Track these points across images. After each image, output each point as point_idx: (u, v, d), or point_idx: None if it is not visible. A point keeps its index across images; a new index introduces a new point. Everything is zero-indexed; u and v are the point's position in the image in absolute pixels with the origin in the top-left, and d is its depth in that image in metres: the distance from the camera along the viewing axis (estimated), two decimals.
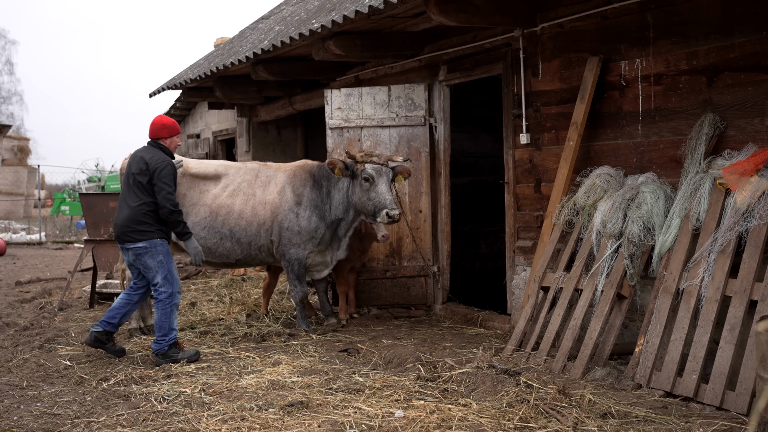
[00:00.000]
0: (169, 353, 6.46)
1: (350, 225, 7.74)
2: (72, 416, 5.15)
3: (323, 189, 7.65)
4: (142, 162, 6.49)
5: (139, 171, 6.47)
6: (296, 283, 7.68)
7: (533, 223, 7.44)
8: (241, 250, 7.64)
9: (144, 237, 6.44)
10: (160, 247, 6.50)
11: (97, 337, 6.56)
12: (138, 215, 6.43)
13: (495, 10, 6.99)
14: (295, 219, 7.55)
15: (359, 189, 7.40)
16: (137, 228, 6.42)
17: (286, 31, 9.28)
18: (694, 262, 5.48)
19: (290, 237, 7.55)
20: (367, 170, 7.37)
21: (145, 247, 6.44)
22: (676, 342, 5.35)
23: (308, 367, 6.22)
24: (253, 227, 7.57)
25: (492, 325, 7.78)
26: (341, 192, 7.60)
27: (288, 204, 7.57)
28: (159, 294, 6.49)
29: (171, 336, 6.51)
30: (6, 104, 47.91)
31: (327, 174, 7.67)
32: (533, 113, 7.36)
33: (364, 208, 7.41)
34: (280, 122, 13.90)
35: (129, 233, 6.44)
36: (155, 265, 6.47)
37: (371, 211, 7.34)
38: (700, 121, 5.81)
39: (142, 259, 6.46)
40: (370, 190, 7.33)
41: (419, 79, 8.88)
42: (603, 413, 4.78)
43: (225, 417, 4.94)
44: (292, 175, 7.74)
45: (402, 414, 4.85)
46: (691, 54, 5.95)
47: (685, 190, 5.73)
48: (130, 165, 6.59)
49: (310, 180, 7.69)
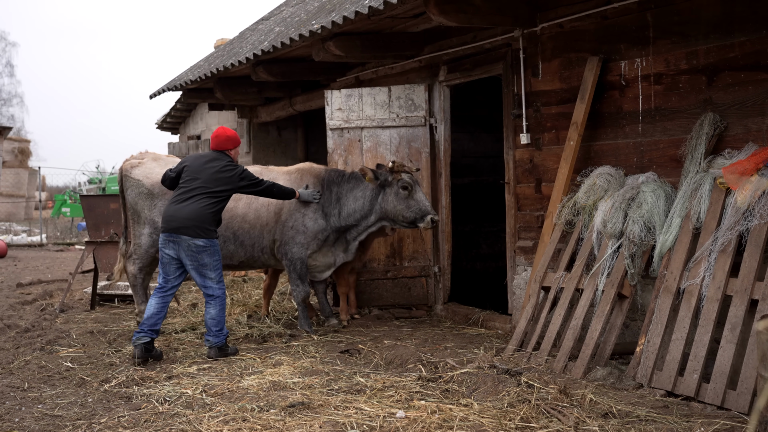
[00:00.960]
0: (224, 346, 6.72)
1: (365, 230, 7.84)
2: (73, 418, 5.15)
3: (332, 194, 7.74)
4: (220, 166, 6.79)
5: (218, 174, 6.75)
6: (298, 283, 7.69)
7: (534, 223, 7.44)
8: (245, 252, 7.67)
9: (207, 235, 6.63)
10: (217, 247, 6.74)
11: (146, 347, 6.54)
12: (206, 215, 6.64)
13: (495, 10, 6.99)
14: (301, 219, 7.59)
15: (394, 197, 7.60)
16: (203, 226, 6.60)
17: (286, 32, 9.28)
18: (694, 262, 5.48)
19: (293, 236, 7.58)
20: (405, 179, 7.59)
21: (205, 246, 6.62)
22: (677, 341, 5.35)
23: (309, 367, 6.22)
24: (257, 230, 7.61)
25: (493, 325, 7.78)
26: (360, 200, 7.70)
27: (294, 204, 7.61)
28: (214, 291, 6.71)
29: (226, 330, 6.77)
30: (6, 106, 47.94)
31: (336, 179, 7.80)
32: (533, 113, 7.36)
33: (400, 215, 7.61)
34: (280, 123, 13.90)
35: (193, 228, 6.58)
36: (212, 263, 6.66)
37: (411, 218, 7.60)
38: (701, 121, 5.81)
39: (200, 255, 6.62)
40: (409, 198, 7.58)
41: (419, 80, 8.88)
42: (604, 413, 4.78)
43: (226, 418, 4.94)
44: (297, 179, 7.80)
45: (403, 414, 4.85)
46: (691, 53, 5.95)
47: (686, 190, 5.73)
48: (199, 164, 6.81)
49: (318, 184, 7.77)
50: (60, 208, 27.05)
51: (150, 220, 7.61)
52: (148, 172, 7.70)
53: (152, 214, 7.60)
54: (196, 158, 6.93)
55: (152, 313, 6.65)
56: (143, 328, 6.58)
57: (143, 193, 7.66)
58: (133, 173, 7.74)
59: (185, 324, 8.26)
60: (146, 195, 7.65)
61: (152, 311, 6.67)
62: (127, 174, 7.77)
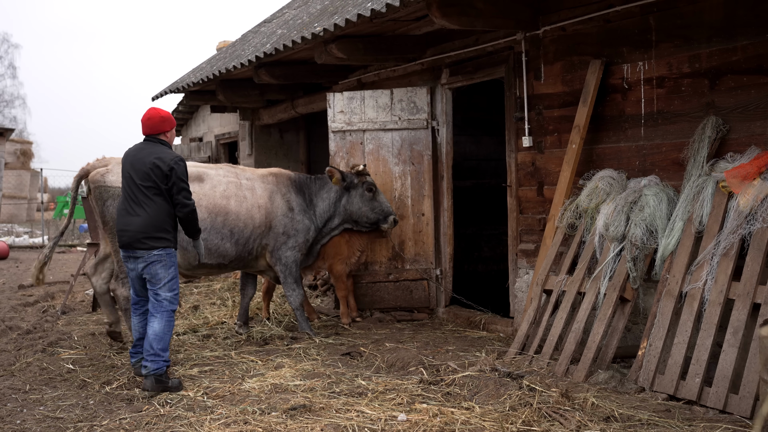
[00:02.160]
0: (164, 378, 5.80)
1: (328, 234, 8.00)
2: (75, 420, 5.16)
3: (306, 196, 7.85)
4: (153, 162, 5.85)
5: (154, 172, 5.85)
6: (294, 287, 7.67)
7: (536, 226, 7.43)
8: (236, 251, 7.43)
9: (161, 245, 5.88)
10: (174, 257, 6.02)
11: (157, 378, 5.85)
12: (157, 221, 5.87)
13: (497, 13, 7.00)
14: (291, 223, 7.62)
15: (359, 199, 7.83)
16: (155, 235, 5.86)
17: (289, 34, 9.29)
18: (697, 265, 5.47)
19: (286, 241, 7.59)
20: (369, 181, 7.82)
21: (160, 256, 5.89)
22: (679, 345, 5.34)
23: (311, 370, 6.22)
24: (249, 229, 7.46)
25: (495, 328, 7.77)
26: (326, 201, 7.86)
27: (281, 209, 7.62)
28: (164, 305, 5.91)
29: (167, 355, 5.87)
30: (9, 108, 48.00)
31: (306, 182, 7.92)
32: (536, 116, 7.36)
33: (364, 216, 7.87)
34: (282, 125, 13.90)
35: (145, 240, 5.85)
36: (167, 275, 5.92)
37: (374, 219, 7.90)
38: (703, 124, 5.81)
39: (154, 268, 5.89)
40: (373, 200, 7.86)
41: (421, 83, 8.88)
42: (606, 416, 4.77)
43: (228, 420, 4.94)
44: (275, 182, 7.76)
45: (405, 417, 4.84)
46: (693, 57, 5.95)
47: (688, 193, 5.73)
48: (136, 165, 5.92)
49: (293, 186, 7.81)
50: (62, 209, 27.05)
51: None
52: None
53: None
54: (128, 154, 6.08)
55: (141, 334, 6.12)
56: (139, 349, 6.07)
57: None
58: (108, 181, 6.93)
59: (187, 326, 8.26)
60: None
61: (140, 332, 6.12)
62: (101, 183, 6.95)
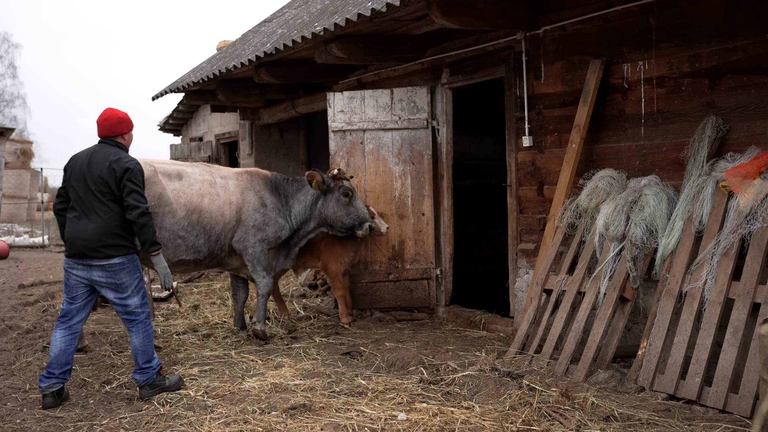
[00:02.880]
0: (158, 382, 5.67)
1: (305, 236, 7.96)
2: (75, 419, 5.16)
3: (281, 196, 7.79)
4: (108, 165, 5.55)
5: (108, 176, 5.54)
6: (264, 274, 7.52)
7: (536, 225, 7.44)
8: (209, 247, 7.33)
9: (121, 252, 5.54)
10: (137, 262, 5.68)
11: (57, 393, 5.54)
12: (113, 227, 5.53)
13: (497, 13, 7.00)
14: (262, 218, 7.54)
15: (335, 203, 7.77)
16: (113, 242, 5.51)
17: (289, 34, 9.29)
18: (697, 265, 5.47)
19: (255, 232, 7.48)
20: (346, 185, 7.78)
21: (122, 263, 5.54)
22: (679, 345, 5.34)
23: (311, 369, 6.22)
24: (220, 226, 7.38)
25: (495, 327, 7.77)
26: (302, 204, 7.80)
27: (253, 205, 7.54)
28: (137, 315, 5.64)
29: (157, 361, 5.72)
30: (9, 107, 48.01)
31: (282, 182, 7.86)
32: (536, 116, 7.36)
33: (340, 221, 7.81)
34: (282, 125, 13.91)
35: (102, 248, 5.48)
36: (133, 282, 5.60)
37: (349, 225, 7.84)
38: (703, 124, 5.81)
39: (118, 276, 5.55)
40: (349, 205, 7.80)
41: (422, 82, 8.89)
42: (606, 416, 4.77)
43: (228, 420, 4.94)
44: (249, 180, 7.72)
45: (405, 417, 4.85)
46: (693, 56, 5.95)
47: (688, 193, 5.73)
48: (91, 168, 5.58)
49: (268, 185, 7.76)
50: None
51: None
52: None
53: None
54: (77, 158, 5.76)
55: (60, 351, 5.56)
56: (53, 371, 5.51)
57: None
58: None
59: (187, 326, 8.26)
60: None
61: (60, 348, 5.57)
62: None
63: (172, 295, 10.21)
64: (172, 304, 9.86)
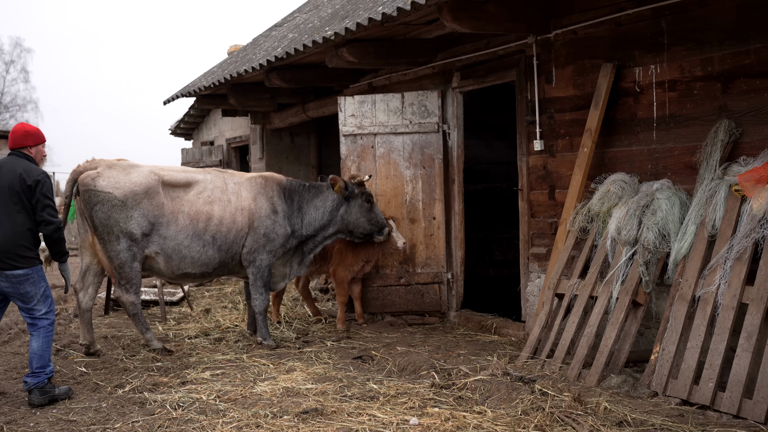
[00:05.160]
0: (48, 388, 5.68)
1: (321, 242, 7.91)
2: (88, 423, 5.17)
3: (294, 203, 7.72)
4: (19, 176, 5.63)
5: (18, 186, 5.61)
6: (262, 291, 7.50)
7: (547, 230, 7.42)
8: (220, 257, 7.34)
9: (26, 264, 5.62)
10: (41, 272, 5.74)
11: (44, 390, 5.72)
12: (20, 238, 5.60)
13: (508, 16, 7.00)
14: (272, 225, 7.48)
15: (358, 209, 7.78)
16: (18, 253, 5.58)
17: (300, 38, 9.31)
18: (710, 269, 5.45)
19: (265, 243, 7.44)
20: (368, 191, 7.80)
21: (27, 274, 5.63)
22: (692, 349, 5.32)
23: (322, 374, 6.22)
24: (232, 233, 7.36)
25: (506, 332, 7.76)
26: (319, 210, 7.73)
27: (264, 211, 7.50)
28: (41, 321, 5.71)
29: (50, 369, 5.74)
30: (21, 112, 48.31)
31: (298, 188, 7.79)
32: (547, 120, 7.35)
33: (361, 227, 7.82)
34: (293, 129, 13.93)
35: (7, 260, 5.56)
36: (38, 292, 5.69)
37: (369, 230, 7.86)
38: (716, 128, 5.79)
39: (22, 287, 5.63)
40: (371, 211, 7.83)
41: (432, 86, 8.89)
42: (619, 421, 4.76)
43: (240, 424, 4.95)
44: (263, 184, 7.67)
45: (416, 421, 4.84)
46: (705, 60, 5.93)
47: (701, 197, 5.71)
48: (1, 179, 5.67)
49: (281, 192, 7.69)
50: (74, 213, 27.14)
51: (126, 233, 6.90)
52: (114, 182, 6.95)
53: (128, 226, 6.90)
54: None
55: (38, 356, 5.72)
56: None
57: (116, 206, 6.88)
58: (98, 185, 6.91)
59: (199, 330, 8.28)
60: (119, 207, 6.89)
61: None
62: (90, 187, 6.92)
63: (184, 299, 10.24)
64: (183, 308, 9.89)
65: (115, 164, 7.15)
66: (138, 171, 7.13)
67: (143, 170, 7.14)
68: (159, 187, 7.10)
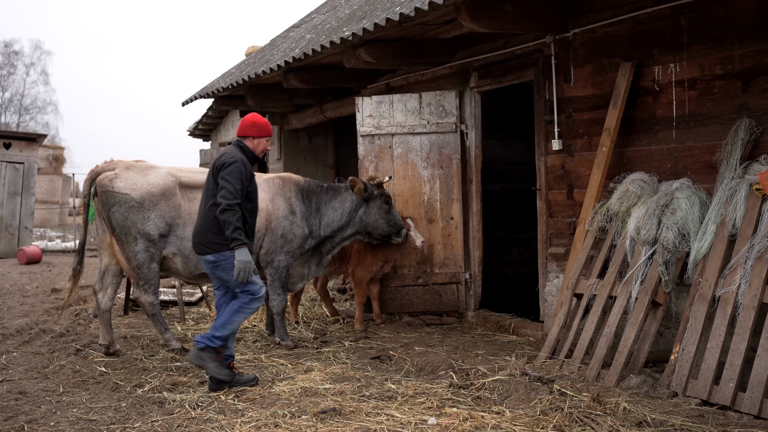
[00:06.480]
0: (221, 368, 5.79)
1: (339, 243, 7.89)
2: (107, 422, 5.20)
3: (312, 203, 7.70)
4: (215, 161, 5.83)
5: (211, 172, 5.87)
6: (280, 292, 7.49)
7: (566, 229, 7.39)
8: None
9: (213, 249, 5.78)
10: (231, 259, 5.75)
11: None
12: (209, 224, 5.79)
13: (526, 16, 6.98)
14: (290, 226, 7.47)
15: (377, 211, 7.76)
16: (207, 239, 5.80)
17: (317, 39, 9.33)
18: (730, 269, 5.41)
19: (283, 244, 7.43)
20: (387, 193, 7.79)
21: (215, 261, 5.80)
22: (712, 350, 5.28)
23: (340, 374, 6.23)
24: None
25: (524, 332, 7.74)
26: (338, 211, 7.72)
27: (282, 212, 7.49)
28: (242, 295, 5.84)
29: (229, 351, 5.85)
30: (41, 114, 48.76)
31: (316, 189, 7.77)
32: (565, 119, 7.32)
33: (380, 228, 7.80)
34: (311, 130, 13.97)
35: (199, 244, 5.85)
36: (230, 278, 5.79)
37: (387, 232, 7.84)
38: (736, 126, 5.74)
39: (216, 272, 5.84)
40: (389, 212, 7.82)
41: (450, 86, 8.88)
42: (638, 421, 4.73)
43: (258, 424, 4.96)
44: (281, 185, 7.66)
45: (435, 421, 4.83)
46: (725, 58, 5.89)
47: (721, 196, 5.66)
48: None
49: (299, 192, 7.68)
50: (93, 214, 27.30)
51: (144, 234, 6.94)
52: (131, 183, 7.00)
53: (145, 227, 6.94)
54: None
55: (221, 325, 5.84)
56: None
57: (133, 207, 6.93)
58: (116, 187, 6.97)
59: None
60: (137, 208, 6.93)
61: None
62: (108, 189, 6.99)
63: (203, 299, 10.28)
64: (202, 308, 9.93)
65: (133, 165, 7.17)
66: (155, 172, 7.15)
67: (160, 172, 7.17)
68: (176, 189, 7.12)
